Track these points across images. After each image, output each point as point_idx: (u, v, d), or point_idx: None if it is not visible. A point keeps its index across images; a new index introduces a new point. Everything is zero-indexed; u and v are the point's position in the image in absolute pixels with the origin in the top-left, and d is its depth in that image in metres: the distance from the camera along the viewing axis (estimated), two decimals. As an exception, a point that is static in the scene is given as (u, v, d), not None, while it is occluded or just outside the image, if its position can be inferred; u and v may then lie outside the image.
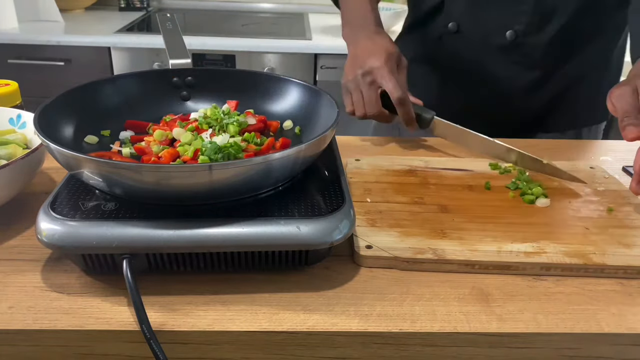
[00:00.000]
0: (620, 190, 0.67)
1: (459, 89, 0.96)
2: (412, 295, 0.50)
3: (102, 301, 0.47)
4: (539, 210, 0.63)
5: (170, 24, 0.78)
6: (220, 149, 0.53)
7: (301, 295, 0.49)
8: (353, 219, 0.50)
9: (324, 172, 0.58)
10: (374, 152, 0.80)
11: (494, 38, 0.90)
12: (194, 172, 0.45)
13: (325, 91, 0.63)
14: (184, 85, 0.70)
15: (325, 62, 1.84)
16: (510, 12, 0.87)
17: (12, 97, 0.75)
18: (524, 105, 0.79)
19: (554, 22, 0.86)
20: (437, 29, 0.94)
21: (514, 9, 0.87)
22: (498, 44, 0.89)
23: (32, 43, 1.77)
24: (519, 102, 0.94)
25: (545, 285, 0.52)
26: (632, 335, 0.47)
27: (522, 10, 0.86)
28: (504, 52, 0.90)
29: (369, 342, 0.46)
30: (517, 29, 0.87)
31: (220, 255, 0.49)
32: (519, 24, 0.87)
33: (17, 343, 0.45)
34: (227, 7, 2.37)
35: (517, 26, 0.87)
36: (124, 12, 2.18)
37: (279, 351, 0.46)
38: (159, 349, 0.42)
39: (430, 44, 0.96)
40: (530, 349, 0.47)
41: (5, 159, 0.58)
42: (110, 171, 0.45)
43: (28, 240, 0.55)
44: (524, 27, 0.87)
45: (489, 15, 0.89)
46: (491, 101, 0.94)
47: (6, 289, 0.48)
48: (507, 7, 0.87)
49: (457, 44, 0.92)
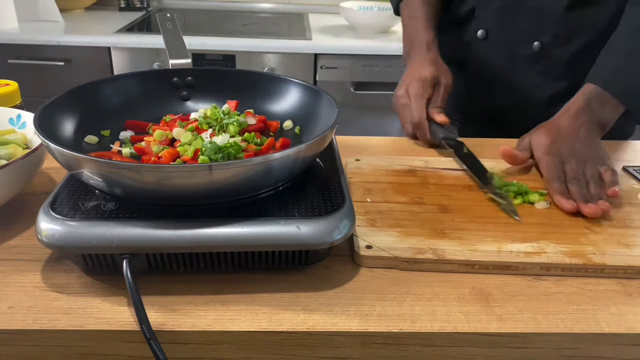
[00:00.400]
0: (621, 190, 0.67)
1: (484, 94, 0.98)
2: (412, 295, 0.50)
3: (102, 301, 0.47)
4: (539, 210, 0.63)
5: (170, 24, 0.78)
6: (220, 149, 0.53)
7: (301, 295, 0.49)
8: (353, 219, 0.50)
9: (324, 172, 0.58)
10: (374, 152, 0.80)
11: (520, 48, 0.91)
12: (194, 172, 0.45)
13: (325, 91, 0.63)
14: (184, 85, 0.70)
15: (325, 62, 1.84)
16: (538, 24, 0.88)
17: (12, 97, 0.75)
18: (546, 116, 0.80)
19: (580, 36, 0.87)
20: (467, 34, 0.96)
21: (542, 21, 0.88)
22: (524, 53, 0.91)
23: (32, 43, 1.77)
24: (541, 112, 0.94)
25: (545, 285, 0.52)
26: (632, 335, 0.47)
27: (550, 22, 0.87)
28: (530, 62, 0.91)
29: (369, 342, 0.46)
30: (543, 40, 0.88)
31: (220, 255, 0.49)
32: (545, 36, 0.88)
33: (17, 343, 0.45)
34: (227, 7, 2.37)
35: (543, 37, 0.88)
36: (124, 12, 2.18)
37: (279, 351, 0.46)
38: (159, 349, 0.42)
39: (460, 48, 0.98)
40: (530, 349, 0.47)
41: (5, 159, 0.58)
42: (110, 171, 0.45)
43: (28, 240, 0.55)
44: (550, 39, 0.88)
45: (517, 25, 0.90)
46: (514, 110, 0.96)
47: (6, 289, 0.48)
48: (535, 18, 0.88)
49: (485, 51, 0.95)
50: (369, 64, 1.82)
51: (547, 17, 0.87)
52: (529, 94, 0.94)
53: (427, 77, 0.84)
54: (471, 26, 0.96)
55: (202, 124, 0.61)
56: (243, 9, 2.37)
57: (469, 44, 0.97)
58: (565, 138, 0.70)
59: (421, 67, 0.86)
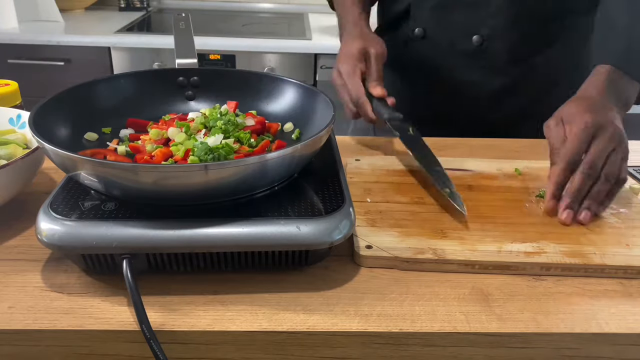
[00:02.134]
0: (620, 190, 0.67)
1: (427, 94, 0.96)
2: (412, 295, 0.50)
3: (102, 301, 0.47)
4: (539, 210, 0.63)
5: (183, 23, 0.78)
6: (211, 149, 0.53)
7: (301, 295, 0.49)
8: (353, 219, 0.50)
9: (324, 172, 0.58)
10: (374, 152, 0.80)
11: (460, 43, 0.90)
12: (188, 172, 0.45)
13: (324, 92, 0.63)
14: (189, 85, 0.71)
15: (325, 62, 1.84)
16: (477, 17, 0.87)
17: (12, 97, 0.75)
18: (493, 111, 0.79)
19: (520, 27, 0.86)
20: (404, 34, 0.94)
21: (480, 13, 0.87)
22: (464, 49, 0.90)
23: (32, 43, 1.77)
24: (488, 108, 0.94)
25: (545, 285, 0.52)
26: (632, 335, 0.47)
27: (488, 14, 0.86)
28: (471, 57, 0.90)
29: (369, 342, 0.46)
30: (483, 33, 0.87)
31: (220, 255, 0.49)
32: (485, 28, 0.87)
33: (17, 343, 0.45)
34: (227, 7, 2.37)
35: (483, 30, 0.87)
36: (124, 12, 2.18)
37: (279, 351, 0.46)
38: (159, 349, 0.42)
39: (398, 49, 0.95)
40: (530, 349, 0.47)
41: (5, 159, 0.58)
42: (101, 171, 0.45)
43: (28, 240, 0.55)
44: (489, 31, 0.87)
45: (455, 20, 0.89)
46: (460, 107, 0.94)
47: (6, 289, 0.48)
48: (473, 12, 0.87)
49: (424, 50, 0.93)
50: (369, 64, 1.82)
51: (484, 8, 0.86)
52: (474, 90, 0.92)
53: (354, 52, 0.79)
54: (408, 25, 0.93)
55: (198, 124, 0.61)
56: (243, 9, 2.38)
57: (406, 44, 0.94)
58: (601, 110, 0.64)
59: (349, 44, 0.82)
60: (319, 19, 2.20)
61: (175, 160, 0.54)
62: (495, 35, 0.87)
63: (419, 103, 0.95)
